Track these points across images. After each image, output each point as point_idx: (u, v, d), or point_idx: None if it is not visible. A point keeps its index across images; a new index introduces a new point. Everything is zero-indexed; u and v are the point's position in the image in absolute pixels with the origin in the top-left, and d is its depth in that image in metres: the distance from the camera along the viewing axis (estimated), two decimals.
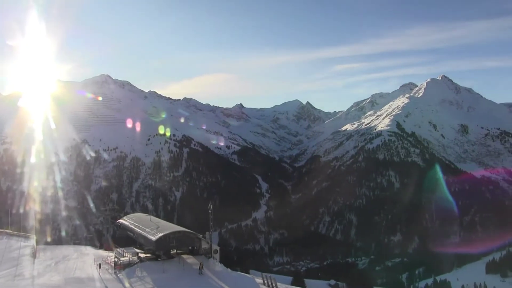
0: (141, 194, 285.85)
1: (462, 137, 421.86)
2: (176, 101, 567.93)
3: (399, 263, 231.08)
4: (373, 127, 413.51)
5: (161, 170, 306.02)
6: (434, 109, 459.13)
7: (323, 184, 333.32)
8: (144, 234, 53.71)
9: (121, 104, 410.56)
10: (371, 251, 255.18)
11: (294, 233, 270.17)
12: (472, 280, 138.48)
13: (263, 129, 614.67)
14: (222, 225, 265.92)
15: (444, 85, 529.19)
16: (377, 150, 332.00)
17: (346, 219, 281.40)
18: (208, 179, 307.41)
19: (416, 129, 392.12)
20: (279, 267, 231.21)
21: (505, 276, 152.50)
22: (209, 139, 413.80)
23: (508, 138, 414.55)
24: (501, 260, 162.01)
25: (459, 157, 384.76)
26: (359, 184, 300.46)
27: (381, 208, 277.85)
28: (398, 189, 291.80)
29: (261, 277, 51.41)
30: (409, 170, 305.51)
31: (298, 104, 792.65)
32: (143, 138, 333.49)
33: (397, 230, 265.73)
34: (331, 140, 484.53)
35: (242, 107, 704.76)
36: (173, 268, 48.69)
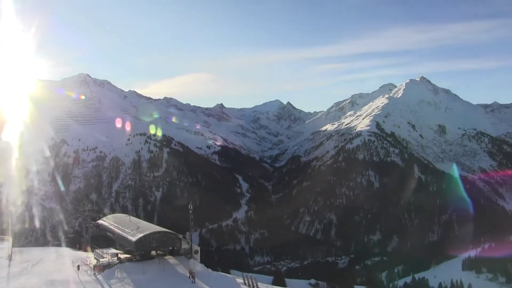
0: (121, 194, 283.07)
1: (440, 137, 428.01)
2: (156, 100, 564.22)
3: (379, 262, 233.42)
4: (353, 127, 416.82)
5: (141, 170, 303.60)
6: (413, 109, 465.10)
7: (304, 184, 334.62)
8: (124, 234, 53.07)
9: (101, 104, 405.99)
10: (351, 250, 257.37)
11: (275, 233, 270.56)
12: (449, 277, 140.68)
13: (243, 129, 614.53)
14: (203, 225, 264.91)
15: (422, 86, 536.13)
16: (357, 150, 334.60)
17: (326, 219, 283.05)
18: (189, 179, 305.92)
19: (396, 129, 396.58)
20: (259, 267, 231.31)
21: (479, 272, 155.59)
22: (190, 139, 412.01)
23: (484, 139, 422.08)
24: (476, 257, 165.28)
25: (437, 157, 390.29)
26: (339, 183, 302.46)
27: (361, 207, 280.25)
28: (377, 189, 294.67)
29: (242, 277, 51.25)
30: (388, 170, 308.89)
31: (279, 104, 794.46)
32: (123, 138, 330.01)
33: (376, 229, 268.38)
34: (311, 140, 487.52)
35: (222, 107, 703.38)
36: (153, 269, 48.22)
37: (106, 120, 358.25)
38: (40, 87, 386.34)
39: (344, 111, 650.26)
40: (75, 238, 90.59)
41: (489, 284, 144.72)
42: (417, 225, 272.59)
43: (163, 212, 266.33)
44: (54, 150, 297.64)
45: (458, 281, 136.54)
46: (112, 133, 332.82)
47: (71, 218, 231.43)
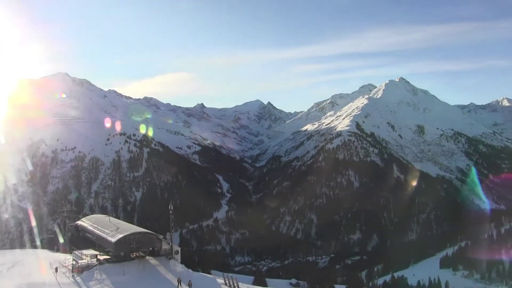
0: (100, 195, 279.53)
1: (418, 138, 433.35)
2: (136, 100, 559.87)
3: (359, 261, 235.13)
4: (333, 127, 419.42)
5: (121, 170, 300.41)
6: (392, 110, 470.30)
7: (284, 183, 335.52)
8: (104, 235, 52.46)
9: (80, 103, 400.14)
10: (331, 250, 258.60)
11: (255, 232, 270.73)
12: (427, 275, 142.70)
13: (224, 129, 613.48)
14: (183, 226, 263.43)
15: (401, 87, 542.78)
16: (337, 150, 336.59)
17: (306, 219, 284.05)
18: (169, 179, 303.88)
19: (375, 130, 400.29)
20: (240, 267, 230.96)
21: (456, 270, 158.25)
22: (170, 139, 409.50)
23: (461, 139, 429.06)
24: (453, 255, 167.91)
25: (415, 157, 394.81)
26: (320, 183, 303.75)
27: (341, 207, 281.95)
28: (357, 188, 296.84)
29: (222, 277, 51.21)
30: (368, 169, 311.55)
31: (259, 104, 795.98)
32: (102, 138, 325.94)
33: (356, 228, 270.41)
34: (291, 140, 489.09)
35: (203, 107, 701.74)
36: (133, 270, 47.73)
37: (85, 120, 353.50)
38: (18, 86, 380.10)
39: (325, 111, 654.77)
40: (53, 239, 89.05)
41: (465, 281, 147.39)
42: (396, 224, 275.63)
43: (143, 213, 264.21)
44: (32, 150, 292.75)
45: (436, 279, 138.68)
46: (91, 133, 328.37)
47: (49, 219, 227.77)
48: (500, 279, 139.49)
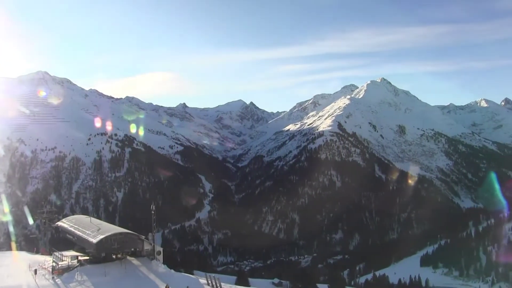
0: (81, 195, 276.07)
1: (400, 138, 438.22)
2: (118, 99, 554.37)
3: (341, 260, 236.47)
4: (315, 127, 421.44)
5: (102, 170, 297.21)
6: (374, 110, 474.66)
7: (266, 183, 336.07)
8: (85, 236, 51.84)
9: (60, 103, 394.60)
10: (313, 249, 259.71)
11: (238, 232, 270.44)
12: (408, 273, 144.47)
13: (206, 129, 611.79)
14: (165, 226, 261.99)
15: (383, 87, 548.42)
16: (319, 150, 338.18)
17: (289, 218, 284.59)
18: (151, 179, 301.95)
19: (357, 130, 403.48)
20: (223, 267, 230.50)
21: (436, 267, 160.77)
22: (152, 138, 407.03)
23: (441, 139, 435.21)
24: (433, 253, 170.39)
25: (397, 157, 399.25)
26: (302, 183, 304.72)
27: (323, 206, 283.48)
28: (339, 188, 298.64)
29: (205, 277, 51.04)
30: (350, 169, 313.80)
31: (242, 104, 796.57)
32: (83, 138, 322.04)
33: (338, 228, 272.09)
34: (274, 140, 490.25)
35: (185, 107, 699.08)
36: (115, 271, 47.23)
37: (65, 120, 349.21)
38: None
39: (307, 111, 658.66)
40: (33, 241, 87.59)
41: (444, 278, 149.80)
42: (378, 224, 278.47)
43: (125, 213, 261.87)
44: (10, 150, 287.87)
45: (417, 277, 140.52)
46: (72, 133, 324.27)
47: (29, 220, 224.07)
48: (477, 275, 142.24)
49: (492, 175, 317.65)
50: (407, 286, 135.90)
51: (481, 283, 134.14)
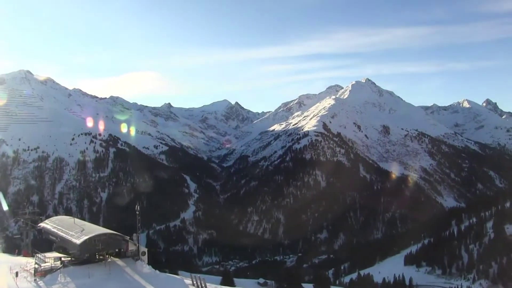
0: (65, 195, 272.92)
1: (384, 138, 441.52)
2: (102, 99, 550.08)
3: (326, 259, 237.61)
4: (300, 127, 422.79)
5: (86, 170, 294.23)
6: (359, 110, 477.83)
7: (251, 183, 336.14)
8: (68, 237, 51.15)
9: (43, 102, 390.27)
10: (298, 249, 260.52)
11: (223, 233, 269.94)
12: (392, 272, 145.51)
13: (191, 129, 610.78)
14: (150, 226, 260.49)
15: (367, 88, 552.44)
16: (304, 150, 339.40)
17: (274, 218, 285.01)
18: (135, 180, 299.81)
19: (342, 130, 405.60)
20: (208, 267, 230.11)
21: (419, 266, 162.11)
22: (137, 138, 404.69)
23: (424, 139, 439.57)
24: (417, 252, 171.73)
25: (381, 157, 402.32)
26: (287, 183, 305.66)
27: (308, 206, 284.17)
28: (324, 188, 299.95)
29: (190, 278, 50.75)
30: (334, 169, 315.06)
31: (227, 104, 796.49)
32: (67, 138, 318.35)
33: (323, 227, 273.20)
34: (259, 140, 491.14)
35: (170, 107, 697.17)
36: (99, 272, 46.68)
37: (49, 119, 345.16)
38: None
39: (292, 111, 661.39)
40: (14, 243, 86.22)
41: (427, 277, 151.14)
42: (362, 223, 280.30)
43: (109, 214, 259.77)
44: None
45: (400, 276, 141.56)
46: (55, 133, 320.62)
47: (10, 221, 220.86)
48: (459, 273, 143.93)
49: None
50: (391, 285, 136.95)
51: (462, 281, 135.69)
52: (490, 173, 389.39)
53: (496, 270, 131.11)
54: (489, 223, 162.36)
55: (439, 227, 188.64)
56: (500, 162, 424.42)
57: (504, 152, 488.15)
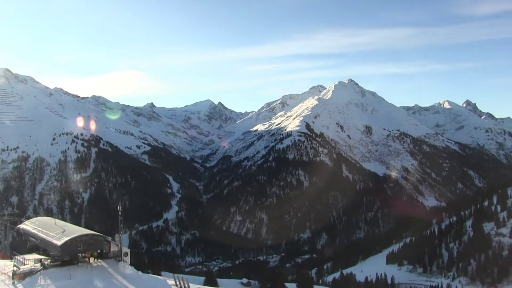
0: (45, 196, 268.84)
1: (366, 138, 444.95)
2: (84, 98, 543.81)
3: (309, 259, 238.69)
4: (283, 127, 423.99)
5: (67, 170, 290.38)
6: (341, 110, 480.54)
7: (235, 183, 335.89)
8: (49, 239, 50.49)
9: (23, 101, 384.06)
10: (281, 249, 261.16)
11: (206, 233, 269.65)
12: (374, 271, 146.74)
13: (174, 129, 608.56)
14: (133, 227, 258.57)
15: (350, 88, 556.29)
16: (287, 150, 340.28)
17: (257, 218, 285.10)
18: (118, 180, 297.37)
19: (324, 130, 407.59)
20: (191, 267, 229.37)
21: (401, 265, 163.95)
22: (119, 138, 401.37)
23: (406, 139, 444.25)
24: (399, 251, 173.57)
25: (364, 157, 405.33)
26: (270, 183, 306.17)
27: (291, 206, 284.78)
28: (307, 188, 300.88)
29: (173, 278, 50.57)
30: (317, 169, 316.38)
31: (210, 104, 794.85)
32: (47, 137, 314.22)
33: (306, 227, 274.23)
34: (242, 140, 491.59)
35: (153, 106, 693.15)
36: (80, 274, 46.16)
37: (29, 119, 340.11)
38: None
39: (275, 111, 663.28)
40: None
41: (409, 275, 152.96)
42: (345, 223, 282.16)
43: (91, 214, 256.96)
44: None
45: (383, 275, 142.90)
46: (36, 132, 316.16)
47: None
48: (440, 271, 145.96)
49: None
50: (374, 283, 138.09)
51: (443, 279, 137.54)
52: (470, 173, 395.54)
53: (474, 267, 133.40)
54: (468, 221, 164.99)
55: (420, 226, 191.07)
56: (479, 162, 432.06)
57: (483, 152, 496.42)
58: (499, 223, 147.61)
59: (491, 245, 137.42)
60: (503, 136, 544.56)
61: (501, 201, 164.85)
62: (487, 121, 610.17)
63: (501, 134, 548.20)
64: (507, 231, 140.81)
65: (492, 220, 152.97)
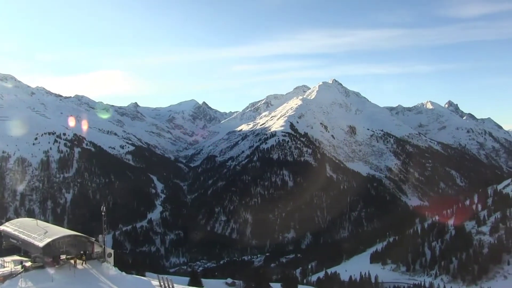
0: (27, 197, 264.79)
1: (350, 138, 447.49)
2: (66, 98, 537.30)
3: (293, 259, 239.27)
4: (267, 127, 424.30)
5: (50, 171, 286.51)
6: (325, 111, 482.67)
7: (219, 183, 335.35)
8: (30, 240, 49.72)
9: (4, 100, 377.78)
10: (266, 249, 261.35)
11: (191, 233, 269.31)
12: (358, 270, 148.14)
13: (158, 129, 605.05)
14: (116, 227, 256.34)
15: (334, 89, 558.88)
16: (272, 150, 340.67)
17: (241, 218, 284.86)
18: (101, 180, 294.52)
19: (309, 130, 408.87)
20: (175, 268, 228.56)
21: (385, 264, 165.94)
22: (102, 138, 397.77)
23: (390, 139, 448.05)
24: (382, 250, 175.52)
25: (347, 157, 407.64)
26: (254, 183, 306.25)
27: (275, 206, 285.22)
28: (291, 188, 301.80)
29: (157, 279, 50.30)
30: (302, 169, 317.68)
31: (194, 104, 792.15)
32: (29, 137, 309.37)
33: (290, 227, 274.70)
34: (226, 140, 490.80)
35: (137, 106, 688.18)
36: (63, 276, 45.52)
37: (10, 118, 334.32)
38: None
39: (259, 111, 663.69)
40: None
41: (392, 274, 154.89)
42: (329, 222, 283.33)
43: (74, 215, 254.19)
44: None
45: (367, 273, 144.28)
46: (17, 132, 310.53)
47: None
48: (423, 270, 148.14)
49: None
50: (358, 282, 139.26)
51: (425, 277, 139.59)
52: (452, 173, 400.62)
53: (456, 265, 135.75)
54: (450, 220, 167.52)
55: (404, 225, 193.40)
56: (461, 162, 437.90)
57: (465, 152, 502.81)
58: (479, 222, 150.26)
59: (472, 243, 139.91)
60: (483, 136, 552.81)
61: (481, 200, 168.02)
62: (469, 122, 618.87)
63: (482, 134, 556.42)
64: (487, 230, 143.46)
65: (473, 219, 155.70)
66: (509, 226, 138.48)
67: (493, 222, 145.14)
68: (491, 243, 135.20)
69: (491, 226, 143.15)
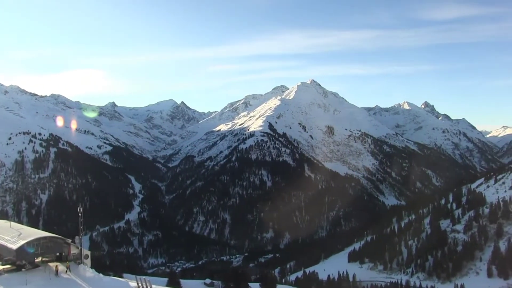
0: (0, 198, 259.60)
1: (328, 138, 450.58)
2: (42, 97, 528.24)
3: (272, 258, 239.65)
4: (246, 127, 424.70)
5: (24, 171, 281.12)
6: (304, 111, 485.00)
7: (197, 183, 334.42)
8: (3, 243, 48.73)
9: None
10: (245, 249, 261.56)
11: (169, 233, 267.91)
12: (336, 269, 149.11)
13: (136, 129, 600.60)
14: (93, 228, 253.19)
15: (313, 89, 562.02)
16: (250, 150, 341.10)
17: (220, 218, 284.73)
18: (78, 181, 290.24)
19: (287, 130, 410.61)
20: (154, 269, 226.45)
21: (362, 263, 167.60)
22: (79, 138, 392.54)
23: (367, 139, 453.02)
24: (360, 249, 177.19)
25: (326, 157, 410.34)
26: (233, 183, 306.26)
27: (254, 206, 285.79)
28: (270, 188, 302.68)
29: (135, 280, 49.88)
30: (280, 169, 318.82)
31: (173, 103, 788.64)
32: (3, 137, 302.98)
33: (269, 227, 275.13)
34: (205, 140, 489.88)
35: (114, 106, 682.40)
36: (38, 278, 44.67)
37: None
38: None
39: (238, 111, 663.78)
40: None
41: (370, 273, 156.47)
42: (308, 222, 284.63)
43: (49, 216, 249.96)
44: None
45: (344, 272, 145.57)
46: None
47: None
48: (399, 268, 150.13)
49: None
50: (336, 281, 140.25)
51: (402, 275, 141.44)
52: (428, 172, 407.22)
53: (431, 263, 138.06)
54: (426, 219, 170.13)
55: (381, 225, 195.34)
56: (437, 162, 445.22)
57: (440, 152, 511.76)
58: (454, 220, 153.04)
59: (447, 241, 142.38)
60: (458, 137, 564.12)
61: (456, 199, 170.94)
62: (444, 122, 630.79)
63: (457, 135, 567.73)
64: (461, 228, 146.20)
65: (448, 217, 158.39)
66: (481, 224, 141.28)
67: (467, 220, 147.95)
68: (464, 241, 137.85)
69: (465, 225, 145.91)
